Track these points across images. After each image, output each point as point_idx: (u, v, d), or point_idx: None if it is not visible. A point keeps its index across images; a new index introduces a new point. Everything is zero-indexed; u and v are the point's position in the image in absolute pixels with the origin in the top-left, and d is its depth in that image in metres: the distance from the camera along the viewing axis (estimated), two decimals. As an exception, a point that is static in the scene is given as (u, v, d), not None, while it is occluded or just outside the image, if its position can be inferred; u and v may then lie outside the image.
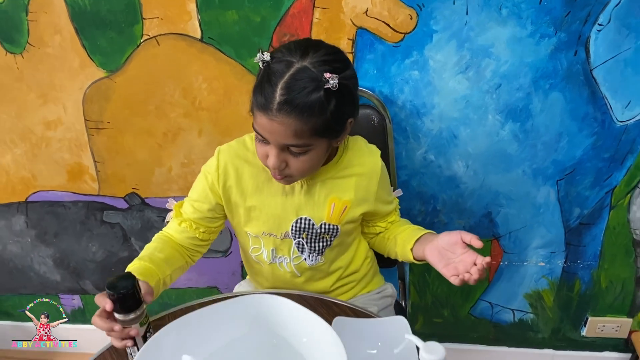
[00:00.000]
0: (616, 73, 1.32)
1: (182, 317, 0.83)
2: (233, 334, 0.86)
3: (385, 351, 0.92)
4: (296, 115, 0.91)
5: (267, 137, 0.96)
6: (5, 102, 1.52)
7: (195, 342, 0.84)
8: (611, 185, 1.47)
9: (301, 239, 1.14)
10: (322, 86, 0.91)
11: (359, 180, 1.12)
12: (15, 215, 1.70)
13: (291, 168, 1.00)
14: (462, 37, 1.31)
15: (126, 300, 0.88)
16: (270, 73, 0.93)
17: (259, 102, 0.93)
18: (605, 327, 1.69)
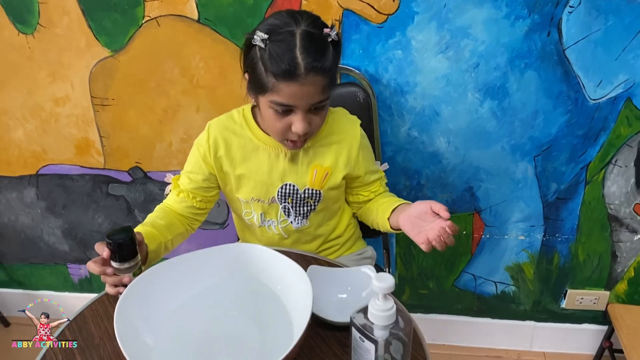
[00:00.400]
0: (587, 53, 1.40)
1: (164, 261, 0.93)
2: (213, 279, 0.96)
3: (354, 295, 1.01)
4: (322, 72, 0.99)
5: (297, 104, 1.02)
6: (18, 80, 1.62)
7: (177, 285, 0.93)
8: (586, 161, 1.54)
9: (287, 204, 1.23)
10: (327, 40, 1.01)
11: (339, 148, 1.20)
12: (26, 188, 1.82)
13: (312, 126, 1.07)
14: (441, 18, 1.39)
15: (122, 250, 0.97)
16: (279, 47, 0.97)
17: (285, 72, 0.97)
18: (583, 299, 1.77)
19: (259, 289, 0.96)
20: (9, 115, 1.68)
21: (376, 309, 0.76)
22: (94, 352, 0.92)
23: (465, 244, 1.72)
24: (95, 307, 1.02)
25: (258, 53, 1.00)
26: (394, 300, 0.78)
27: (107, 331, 0.96)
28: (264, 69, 1.00)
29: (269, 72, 0.99)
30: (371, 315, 0.76)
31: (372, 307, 0.76)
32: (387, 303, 0.76)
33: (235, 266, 0.97)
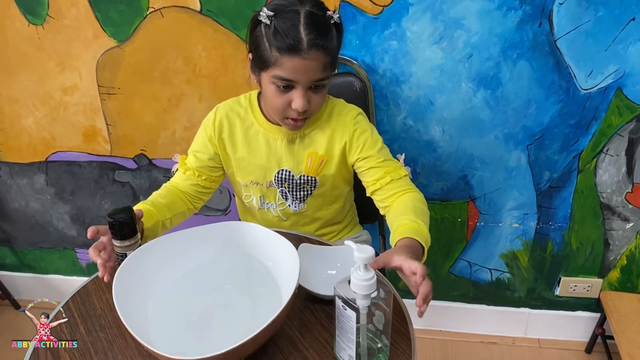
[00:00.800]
0: (578, 43, 1.43)
1: (163, 236, 0.98)
2: (209, 254, 1.01)
3: (343, 271, 1.06)
4: (324, 49, 1.05)
5: (298, 78, 1.06)
6: (28, 69, 1.68)
7: (174, 259, 0.98)
8: (578, 150, 1.58)
9: (284, 188, 1.28)
10: (330, 22, 1.06)
11: (334, 135, 1.23)
12: (36, 174, 1.88)
13: (312, 105, 1.12)
14: (435, 9, 1.43)
15: (123, 228, 1.02)
16: (284, 23, 1.03)
17: (288, 47, 1.02)
18: (577, 287, 1.80)
19: (251, 264, 1.01)
20: (20, 103, 1.75)
21: (357, 279, 0.81)
22: (96, 321, 0.98)
23: (461, 231, 1.77)
24: (97, 281, 1.08)
25: (263, 30, 1.06)
26: (375, 272, 0.82)
27: (107, 302, 1.02)
28: (268, 45, 1.05)
29: (273, 47, 1.04)
30: (353, 285, 0.81)
31: (354, 277, 0.81)
32: (368, 273, 0.81)
33: (229, 242, 1.02)
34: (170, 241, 0.98)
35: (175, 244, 0.99)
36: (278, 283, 0.96)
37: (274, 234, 0.99)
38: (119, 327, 0.96)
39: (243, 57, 1.56)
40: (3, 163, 1.88)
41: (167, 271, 0.97)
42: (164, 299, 0.95)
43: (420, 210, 1.14)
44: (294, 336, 0.93)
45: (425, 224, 1.11)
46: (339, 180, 1.32)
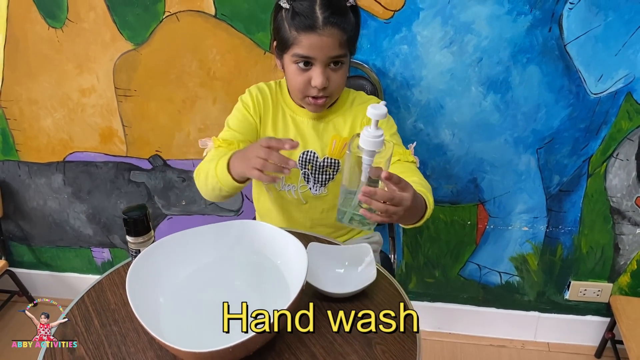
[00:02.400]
0: (588, 48, 1.44)
1: (175, 234, 1.01)
2: (218, 252, 1.03)
3: (350, 270, 1.08)
4: (339, 26, 1.11)
5: (315, 55, 1.13)
6: (48, 71, 1.73)
7: (186, 256, 1.01)
8: (588, 154, 1.59)
9: (307, 170, 1.31)
10: (346, 4, 1.14)
11: (354, 121, 1.28)
12: (54, 174, 1.93)
13: (331, 84, 1.17)
14: (446, 14, 1.45)
15: (136, 225, 1.05)
16: (302, 4, 1.11)
17: (305, 25, 1.10)
18: (587, 291, 1.81)
19: (261, 261, 1.03)
20: (39, 104, 1.79)
21: (367, 135, 0.86)
22: (110, 316, 1.01)
23: (470, 234, 1.78)
24: (112, 277, 1.11)
25: (284, 14, 1.14)
26: None
27: (121, 297, 1.05)
28: (288, 26, 1.13)
29: (292, 27, 1.12)
30: (362, 140, 0.87)
31: (363, 133, 0.87)
32: (377, 131, 0.86)
33: (240, 240, 1.04)
34: (183, 238, 1.01)
35: (188, 241, 1.01)
36: (287, 280, 0.98)
37: (283, 232, 1.01)
38: (132, 321, 0.98)
39: (256, 60, 1.59)
40: (22, 163, 1.93)
41: (179, 267, 1.00)
42: (176, 294, 0.97)
43: (428, 188, 1.17)
44: (301, 332, 0.95)
45: (432, 196, 1.14)
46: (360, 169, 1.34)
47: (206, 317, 0.96)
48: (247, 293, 1.01)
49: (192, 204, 1.89)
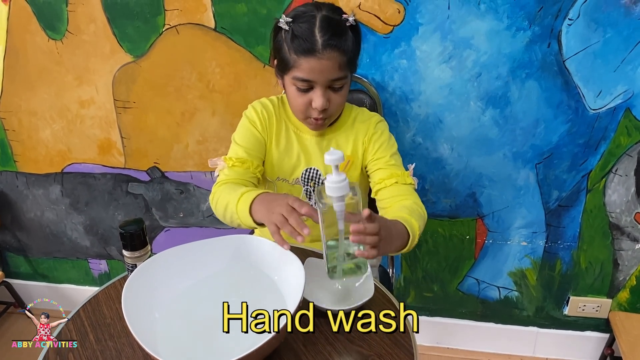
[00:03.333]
0: (587, 64, 1.44)
1: (171, 248, 1.00)
2: (215, 266, 1.02)
3: (348, 285, 1.07)
4: (338, 49, 1.11)
5: (315, 78, 1.13)
6: (47, 83, 1.73)
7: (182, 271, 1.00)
8: (587, 170, 1.58)
9: (309, 187, 1.31)
10: (345, 24, 1.13)
11: (356, 139, 1.28)
12: (52, 185, 1.92)
13: (332, 105, 1.17)
14: (445, 29, 1.45)
15: (133, 240, 1.05)
16: (301, 27, 1.10)
17: (304, 48, 1.10)
18: (586, 306, 1.79)
19: (258, 276, 1.02)
20: (38, 116, 1.79)
21: (331, 182, 0.86)
22: (105, 330, 1.00)
23: (469, 248, 1.77)
24: (108, 291, 1.11)
25: (283, 35, 1.14)
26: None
27: (117, 312, 1.04)
28: (287, 49, 1.13)
29: (292, 50, 1.12)
30: (327, 189, 0.87)
31: (327, 182, 0.86)
32: (339, 176, 0.86)
33: (237, 255, 1.03)
34: (179, 253, 1.00)
35: (184, 255, 1.01)
36: (284, 296, 0.98)
37: (279, 248, 1.00)
38: (128, 336, 0.97)
39: (256, 73, 1.60)
40: (20, 173, 1.92)
41: (175, 282, 0.99)
42: (172, 310, 0.96)
43: (417, 212, 1.14)
44: (297, 349, 0.94)
45: (417, 221, 1.09)
46: (363, 183, 1.34)
47: (202, 333, 0.96)
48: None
49: (189, 216, 1.88)
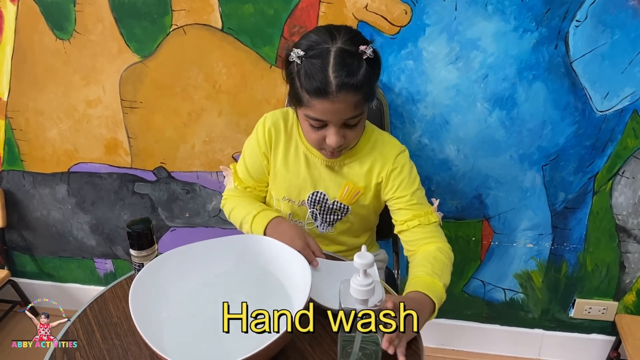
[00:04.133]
0: (594, 66, 1.44)
1: (178, 247, 1.01)
2: (223, 266, 1.03)
3: None
4: (354, 90, 1.03)
5: (329, 119, 1.08)
6: (54, 82, 1.74)
7: (190, 271, 1.00)
8: (593, 172, 1.58)
9: (315, 210, 1.28)
10: (362, 58, 1.04)
11: (372, 168, 1.23)
12: (58, 184, 1.93)
13: (347, 140, 1.12)
14: (452, 30, 1.45)
15: (140, 239, 1.05)
16: (313, 65, 1.03)
17: (316, 90, 1.03)
18: (592, 309, 1.79)
19: (265, 277, 1.03)
20: (45, 115, 1.80)
21: (356, 284, 0.83)
22: (112, 329, 1.00)
23: (475, 250, 1.77)
24: (114, 290, 1.11)
25: (295, 68, 1.07)
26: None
27: (124, 311, 1.04)
28: (299, 85, 1.06)
29: (304, 88, 1.05)
30: (352, 289, 0.83)
31: (353, 282, 0.83)
32: (366, 279, 0.83)
33: (244, 255, 1.04)
34: (186, 253, 1.01)
35: (191, 255, 1.01)
36: (290, 296, 0.98)
37: (287, 248, 1.01)
38: (134, 335, 0.98)
39: (262, 74, 1.60)
40: (27, 173, 1.93)
41: (182, 282, 1.00)
42: (179, 309, 0.97)
43: (441, 263, 1.13)
44: (304, 349, 0.94)
45: (441, 278, 1.09)
46: (371, 212, 1.32)
47: (209, 332, 0.96)
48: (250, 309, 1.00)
49: (195, 216, 1.88)
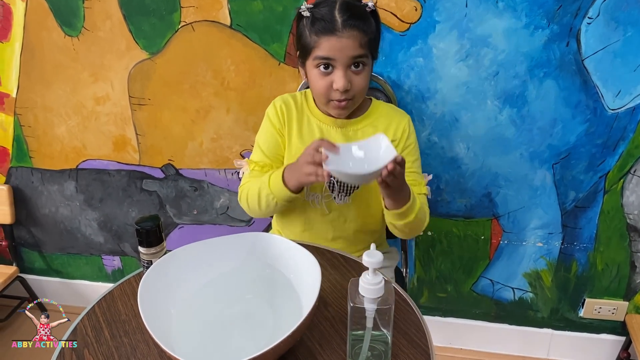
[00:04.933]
0: (606, 63, 1.43)
1: (187, 245, 1.00)
2: (232, 264, 1.02)
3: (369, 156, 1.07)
4: (358, 27, 1.13)
5: (336, 56, 1.14)
6: (63, 79, 1.74)
7: (198, 268, 1.00)
8: (604, 170, 1.56)
9: (332, 178, 1.27)
10: (365, 9, 1.16)
11: (386, 131, 1.26)
12: (67, 181, 1.93)
13: (354, 86, 1.18)
14: (462, 27, 1.44)
15: (149, 236, 1.05)
16: (321, 11, 1.14)
17: (324, 28, 1.13)
18: (602, 309, 1.77)
19: (273, 274, 1.02)
20: (54, 112, 1.80)
21: (366, 283, 0.82)
22: (120, 327, 1.00)
23: (484, 249, 1.76)
24: (123, 287, 1.10)
25: (304, 21, 1.17)
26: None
27: (132, 309, 1.04)
28: (308, 32, 1.15)
29: (312, 32, 1.15)
30: (361, 288, 0.83)
31: (362, 281, 0.83)
32: (376, 277, 0.82)
33: (252, 253, 1.03)
34: (195, 250, 1.00)
35: (200, 253, 1.00)
36: (299, 294, 0.97)
37: (296, 245, 1.00)
38: (143, 333, 0.97)
39: (271, 71, 1.59)
40: (35, 169, 1.93)
41: (191, 279, 0.99)
42: (187, 307, 0.96)
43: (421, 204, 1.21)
44: (313, 348, 0.94)
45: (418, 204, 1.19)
46: None
47: (217, 330, 0.95)
48: (259, 308, 1.00)
49: (203, 213, 1.88)
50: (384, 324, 0.87)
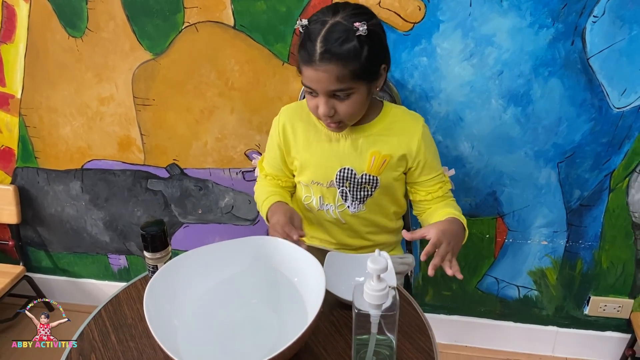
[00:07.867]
0: (612, 62, 1.42)
1: (192, 250, 1.00)
2: (236, 268, 1.03)
3: None
4: (335, 62, 1.07)
5: (314, 87, 1.12)
6: (67, 80, 1.74)
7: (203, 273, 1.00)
8: (610, 169, 1.56)
9: (344, 188, 1.29)
10: (354, 34, 1.06)
11: (399, 139, 1.25)
12: (72, 181, 1.94)
13: (339, 113, 1.15)
14: (466, 26, 1.43)
15: (154, 241, 1.06)
16: (310, 33, 1.09)
17: (304, 57, 1.10)
18: (607, 306, 1.77)
19: (278, 279, 1.02)
20: (59, 113, 1.80)
21: (370, 289, 0.82)
22: (127, 331, 1.01)
23: (489, 247, 1.76)
24: (129, 291, 1.11)
25: (299, 38, 1.14)
26: None
27: (138, 312, 1.05)
28: (297, 54, 1.14)
29: (298, 55, 1.13)
30: (366, 294, 0.83)
31: (366, 287, 0.83)
32: (380, 284, 0.82)
33: (257, 257, 1.04)
34: (200, 255, 1.01)
35: (204, 257, 1.01)
36: (304, 299, 0.98)
37: (300, 250, 1.00)
38: (149, 337, 0.98)
39: (274, 71, 1.59)
40: (41, 170, 1.94)
41: (196, 284, 1.00)
42: (193, 312, 0.97)
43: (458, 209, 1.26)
44: (319, 353, 0.94)
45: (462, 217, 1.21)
46: (399, 182, 1.32)
47: (223, 335, 0.96)
48: (264, 312, 1.01)
49: (208, 212, 1.89)
50: (388, 329, 0.87)
